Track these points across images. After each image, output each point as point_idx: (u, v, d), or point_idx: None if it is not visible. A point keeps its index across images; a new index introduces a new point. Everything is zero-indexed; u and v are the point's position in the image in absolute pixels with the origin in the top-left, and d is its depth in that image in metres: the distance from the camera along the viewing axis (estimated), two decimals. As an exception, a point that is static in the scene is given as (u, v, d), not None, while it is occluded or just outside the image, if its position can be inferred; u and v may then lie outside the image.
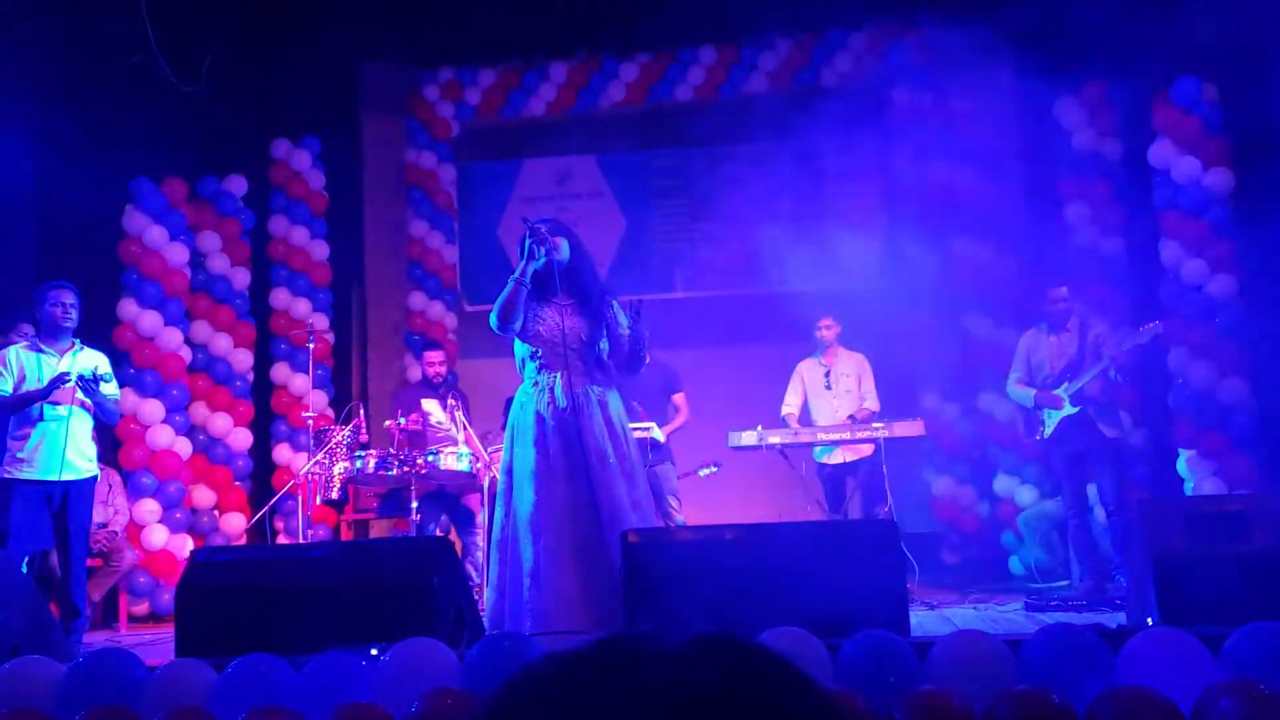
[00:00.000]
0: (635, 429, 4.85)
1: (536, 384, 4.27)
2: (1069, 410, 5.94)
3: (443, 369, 7.13)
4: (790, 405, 6.94)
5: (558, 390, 4.21)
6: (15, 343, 5.40)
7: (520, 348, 4.36)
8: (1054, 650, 2.62)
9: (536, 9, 7.79)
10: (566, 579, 4.00)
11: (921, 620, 5.10)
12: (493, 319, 4.26)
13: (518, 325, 4.24)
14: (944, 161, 7.60)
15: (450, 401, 6.68)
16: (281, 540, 7.77)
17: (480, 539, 6.78)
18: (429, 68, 8.99)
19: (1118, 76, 6.91)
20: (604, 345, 4.36)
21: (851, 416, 6.70)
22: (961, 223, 7.58)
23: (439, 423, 6.58)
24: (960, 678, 2.55)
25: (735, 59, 8.71)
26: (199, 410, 7.83)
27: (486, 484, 6.60)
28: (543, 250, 4.18)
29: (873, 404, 6.84)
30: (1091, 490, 6.22)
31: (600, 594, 3.99)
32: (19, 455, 5.22)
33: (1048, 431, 6.05)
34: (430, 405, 6.66)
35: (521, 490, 4.15)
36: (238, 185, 8.25)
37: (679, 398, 6.88)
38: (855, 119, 7.45)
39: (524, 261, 4.18)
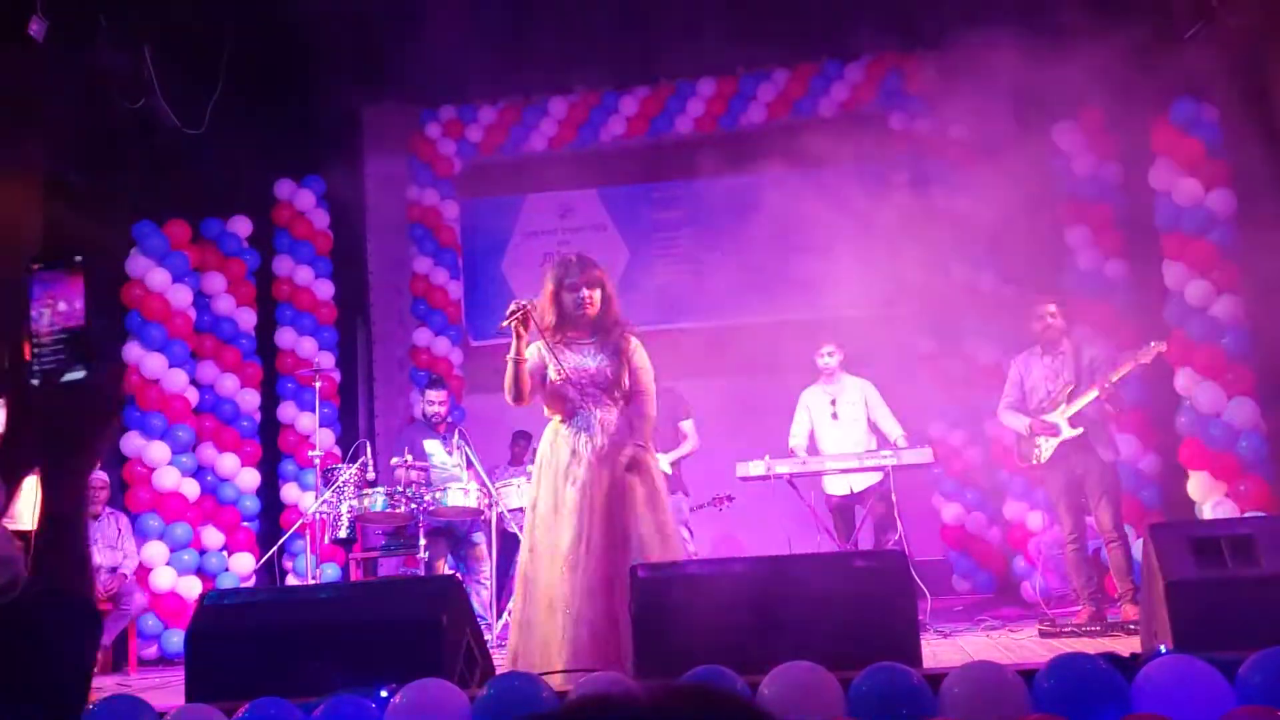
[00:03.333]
0: None
1: (565, 422, 4.32)
2: (1069, 433, 5.75)
3: (444, 408, 7.09)
4: (797, 436, 6.78)
5: (594, 424, 4.27)
6: None
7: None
8: (1067, 679, 2.60)
9: (534, 46, 7.84)
10: (600, 613, 4.00)
11: (934, 649, 5.07)
12: (508, 398, 4.31)
13: (531, 397, 4.31)
14: (944, 188, 7.61)
15: (454, 439, 6.67)
16: (290, 580, 7.75)
17: (487, 575, 6.75)
18: (430, 106, 9.07)
19: (1116, 99, 6.92)
20: (626, 382, 4.38)
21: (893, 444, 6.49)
22: (963, 249, 7.59)
23: (442, 464, 6.56)
24: (973, 709, 2.52)
25: (734, 90, 8.77)
26: (206, 451, 7.83)
27: (494, 519, 6.58)
28: (524, 331, 4.20)
29: (895, 431, 6.56)
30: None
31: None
32: None
33: (1044, 456, 5.83)
34: (432, 446, 6.64)
35: (551, 525, 4.19)
36: (242, 226, 8.28)
37: (688, 424, 6.80)
38: (854, 147, 7.47)
39: (515, 341, 4.20)
